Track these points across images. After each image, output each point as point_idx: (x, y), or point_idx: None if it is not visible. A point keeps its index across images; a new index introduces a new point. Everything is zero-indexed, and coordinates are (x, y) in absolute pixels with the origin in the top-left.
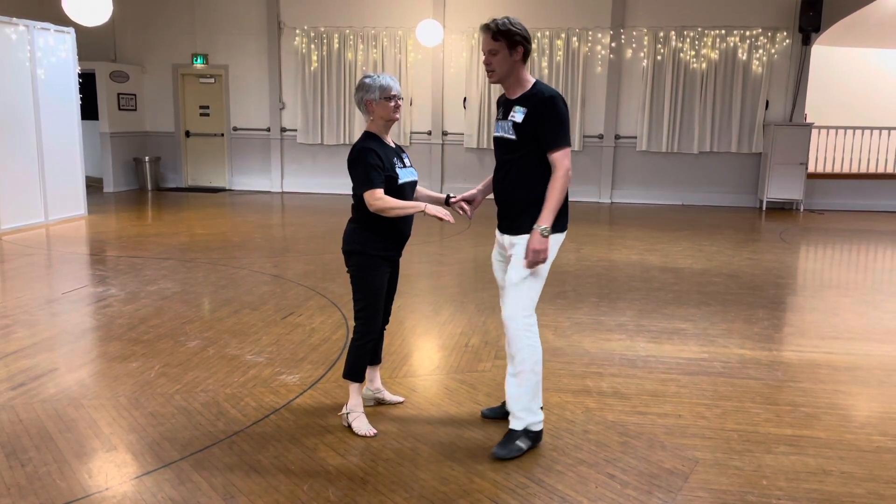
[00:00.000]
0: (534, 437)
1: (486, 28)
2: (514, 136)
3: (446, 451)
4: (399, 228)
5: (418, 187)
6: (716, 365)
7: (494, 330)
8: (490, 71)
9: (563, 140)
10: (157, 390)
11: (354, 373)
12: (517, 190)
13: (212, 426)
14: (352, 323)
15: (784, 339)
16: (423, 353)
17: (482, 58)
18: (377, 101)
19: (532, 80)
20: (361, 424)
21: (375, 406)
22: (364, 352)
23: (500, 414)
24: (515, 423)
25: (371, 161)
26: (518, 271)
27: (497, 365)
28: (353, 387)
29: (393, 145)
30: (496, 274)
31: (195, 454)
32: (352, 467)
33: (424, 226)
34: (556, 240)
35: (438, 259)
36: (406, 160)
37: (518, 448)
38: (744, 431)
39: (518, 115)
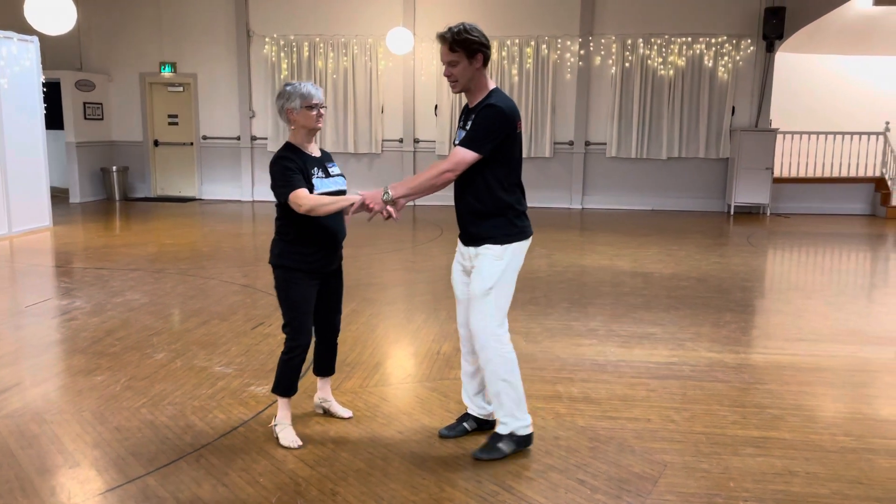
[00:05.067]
0: (520, 440)
1: (442, 38)
2: None
3: (417, 460)
4: (317, 240)
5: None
6: (684, 368)
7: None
8: (453, 82)
9: (474, 144)
10: (122, 404)
11: (282, 387)
12: (477, 201)
13: (179, 440)
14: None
15: (751, 341)
16: (394, 361)
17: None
18: (298, 109)
19: (491, 87)
20: (287, 435)
21: (325, 415)
22: (291, 367)
23: (459, 432)
24: (501, 428)
25: (288, 165)
26: (482, 283)
27: None
28: (281, 400)
29: (318, 154)
30: (456, 287)
31: (161, 468)
32: (321, 478)
33: (397, 233)
34: (521, 247)
35: (411, 266)
36: (333, 169)
37: (500, 451)
38: (712, 434)
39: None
